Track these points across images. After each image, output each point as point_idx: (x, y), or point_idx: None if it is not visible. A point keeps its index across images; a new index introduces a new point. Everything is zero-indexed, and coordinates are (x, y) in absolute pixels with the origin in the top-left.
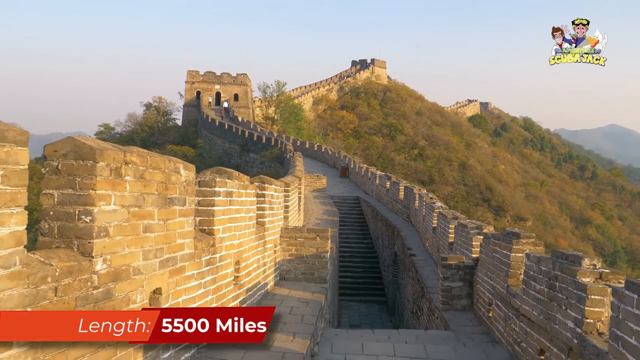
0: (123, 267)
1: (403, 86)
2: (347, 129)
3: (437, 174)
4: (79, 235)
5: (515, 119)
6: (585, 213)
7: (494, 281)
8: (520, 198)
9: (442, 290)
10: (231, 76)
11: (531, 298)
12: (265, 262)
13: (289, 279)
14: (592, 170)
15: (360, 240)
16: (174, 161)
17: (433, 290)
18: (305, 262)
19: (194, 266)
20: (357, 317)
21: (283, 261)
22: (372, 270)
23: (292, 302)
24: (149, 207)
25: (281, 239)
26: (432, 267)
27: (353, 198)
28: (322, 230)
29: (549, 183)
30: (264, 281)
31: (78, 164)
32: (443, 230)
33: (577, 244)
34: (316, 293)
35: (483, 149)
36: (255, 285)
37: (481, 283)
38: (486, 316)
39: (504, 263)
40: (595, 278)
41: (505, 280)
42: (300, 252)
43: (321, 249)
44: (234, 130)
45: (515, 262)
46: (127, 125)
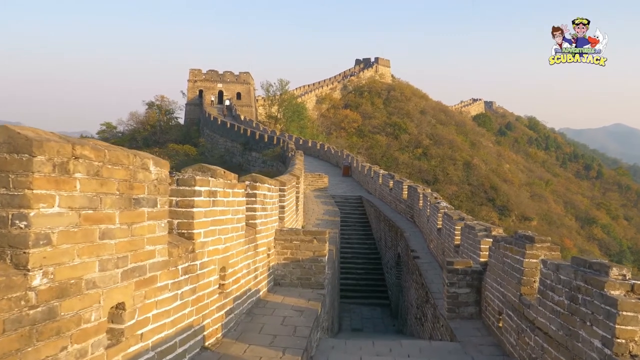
0: (72, 280)
1: (407, 85)
2: (350, 128)
3: (442, 173)
4: (13, 244)
5: (520, 118)
6: (591, 212)
7: (505, 289)
8: (525, 197)
9: (448, 296)
10: (234, 75)
11: (548, 310)
12: (256, 267)
13: (284, 284)
14: (597, 169)
15: (363, 241)
16: (142, 156)
17: (438, 296)
18: (301, 267)
19: (167, 275)
20: (359, 321)
21: (277, 265)
22: (374, 272)
23: (285, 311)
24: (107, 210)
25: (275, 242)
26: (436, 270)
27: (355, 198)
28: (319, 232)
29: (554, 182)
30: (255, 288)
31: (12, 158)
32: (448, 232)
33: (582, 244)
34: (312, 300)
35: (488, 148)
36: (245, 293)
37: (490, 290)
38: (496, 326)
39: (516, 269)
40: (626, 291)
41: (518, 289)
42: (295, 256)
43: (318, 253)
44: (235, 129)
45: (528, 269)
46: (129, 124)
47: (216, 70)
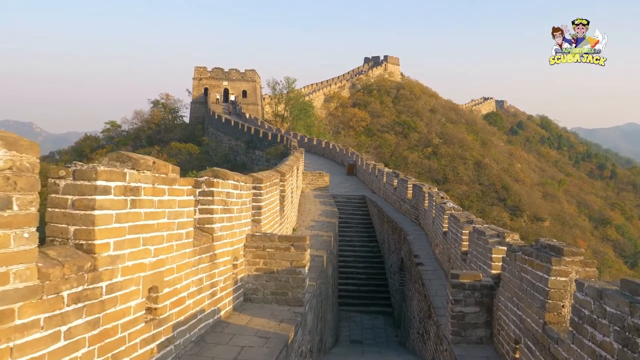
0: None
1: (417, 83)
2: (359, 127)
3: (452, 172)
4: None
5: (532, 117)
6: (605, 213)
7: (523, 312)
8: (537, 197)
9: (453, 316)
10: (239, 72)
11: (587, 352)
12: (214, 282)
13: (255, 300)
14: (611, 169)
15: (365, 244)
16: None
17: (442, 312)
18: (277, 279)
19: (37, 308)
20: (359, 331)
21: (248, 278)
22: (377, 277)
23: (247, 338)
24: None
25: (246, 250)
26: (442, 280)
27: (359, 197)
28: (297, 239)
29: (566, 182)
30: (211, 308)
31: None
32: (455, 237)
33: (596, 245)
34: (285, 322)
35: (499, 147)
36: (194, 316)
37: (504, 311)
38: (511, 356)
39: (538, 289)
40: None
41: (541, 315)
42: (269, 267)
43: (296, 263)
44: (239, 127)
45: (555, 290)
46: (134, 123)
47: (222, 68)
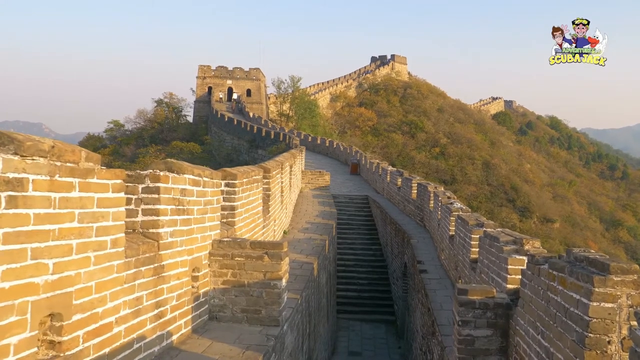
0: None
1: (424, 82)
2: (365, 127)
3: (460, 173)
4: None
5: (541, 117)
6: (616, 214)
7: (552, 344)
8: (547, 198)
9: (460, 341)
10: (244, 71)
11: None
12: (160, 300)
13: (223, 318)
14: (622, 170)
15: (368, 247)
16: None
17: (447, 330)
18: (248, 294)
19: None
20: (359, 342)
21: (214, 292)
22: (379, 282)
23: None
24: None
25: (211, 259)
26: (448, 290)
27: (361, 198)
28: (272, 245)
29: (577, 183)
30: (156, 333)
31: None
32: (463, 242)
33: (608, 247)
34: (252, 349)
35: (508, 148)
36: (127, 347)
37: (524, 338)
38: None
39: (573, 317)
40: None
41: (578, 352)
42: (239, 279)
43: (271, 275)
44: (242, 126)
45: (599, 320)
46: (137, 122)
47: (226, 67)
